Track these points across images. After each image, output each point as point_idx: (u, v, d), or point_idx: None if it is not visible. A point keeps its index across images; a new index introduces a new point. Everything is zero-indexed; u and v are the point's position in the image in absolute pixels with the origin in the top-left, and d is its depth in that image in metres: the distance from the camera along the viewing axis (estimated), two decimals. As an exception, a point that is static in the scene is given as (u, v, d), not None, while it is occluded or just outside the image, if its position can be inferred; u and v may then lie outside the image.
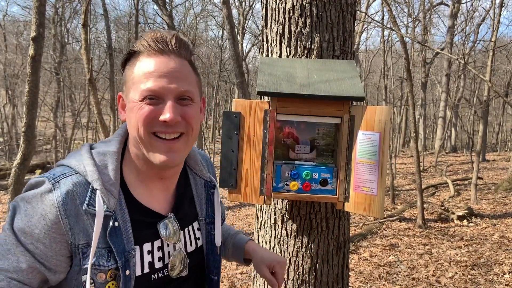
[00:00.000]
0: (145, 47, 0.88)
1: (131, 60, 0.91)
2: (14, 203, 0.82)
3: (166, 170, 0.94)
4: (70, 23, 22.04)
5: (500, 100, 22.39)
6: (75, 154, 0.90)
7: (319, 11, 1.68)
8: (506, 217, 6.56)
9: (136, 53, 0.90)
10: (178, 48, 0.91)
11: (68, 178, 0.83)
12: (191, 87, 0.90)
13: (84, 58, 4.27)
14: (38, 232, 0.79)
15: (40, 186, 0.81)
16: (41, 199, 0.80)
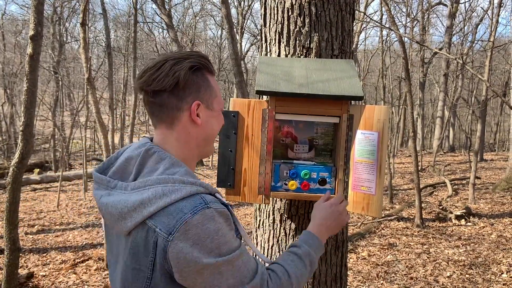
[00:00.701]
0: (206, 65, 1.00)
1: (200, 72, 0.99)
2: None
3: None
4: (69, 22, 21.99)
5: (498, 100, 22.43)
6: (176, 170, 0.94)
7: (318, 10, 1.68)
8: (503, 217, 6.58)
9: (201, 66, 0.99)
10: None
11: (208, 195, 0.92)
12: None
13: (83, 57, 4.26)
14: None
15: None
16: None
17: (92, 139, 23.43)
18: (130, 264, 0.89)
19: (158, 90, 0.94)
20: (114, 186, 0.92)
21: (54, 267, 4.88)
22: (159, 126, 0.99)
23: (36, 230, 6.65)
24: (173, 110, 0.96)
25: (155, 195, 0.85)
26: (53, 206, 8.56)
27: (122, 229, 0.89)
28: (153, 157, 0.94)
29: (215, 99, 1.03)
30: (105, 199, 0.91)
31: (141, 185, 0.89)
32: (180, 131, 0.98)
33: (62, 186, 9.91)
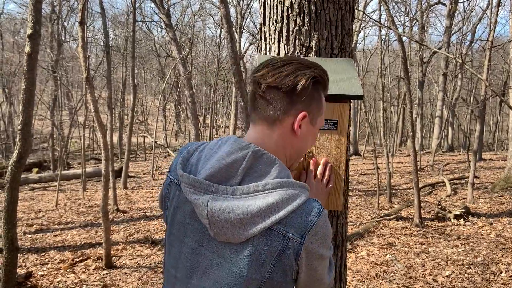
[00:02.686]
0: (325, 82, 1.00)
1: (318, 86, 0.98)
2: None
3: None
4: (67, 21, 21.97)
5: (497, 100, 22.46)
6: (288, 173, 0.94)
7: (318, 9, 1.68)
8: (502, 216, 6.59)
9: (321, 81, 0.98)
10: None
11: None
12: None
13: (81, 56, 4.24)
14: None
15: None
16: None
17: (91, 138, 23.42)
18: (246, 275, 0.85)
19: (274, 86, 0.91)
20: (216, 191, 0.87)
21: (53, 266, 4.87)
22: (259, 124, 0.96)
23: (35, 229, 6.63)
24: (280, 111, 0.93)
25: (281, 200, 0.84)
26: (52, 206, 8.55)
27: (239, 236, 0.84)
28: (263, 160, 0.90)
29: (320, 116, 1.02)
30: (215, 204, 0.85)
31: (258, 189, 0.85)
32: (279, 135, 0.95)
33: (60, 186, 9.89)
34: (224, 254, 0.87)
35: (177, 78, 18.58)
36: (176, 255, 0.96)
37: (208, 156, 0.94)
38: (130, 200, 9.13)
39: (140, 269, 4.72)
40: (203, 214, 0.86)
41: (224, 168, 0.89)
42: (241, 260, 0.85)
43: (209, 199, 0.86)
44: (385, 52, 14.87)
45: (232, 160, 0.89)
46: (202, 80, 30.08)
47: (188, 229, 0.93)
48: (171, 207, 0.99)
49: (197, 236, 0.92)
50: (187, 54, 16.97)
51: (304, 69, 0.92)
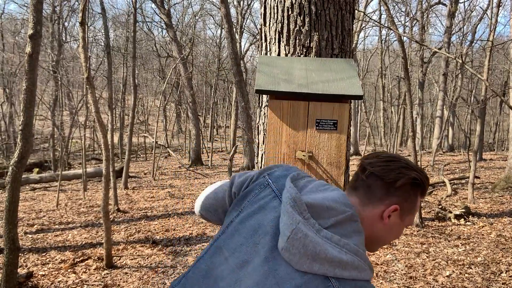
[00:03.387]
0: (424, 187, 1.04)
1: (417, 188, 1.03)
2: None
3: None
4: (68, 21, 21.99)
5: (497, 100, 22.46)
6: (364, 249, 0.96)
7: (318, 9, 1.68)
8: (503, 216, 6.59)
9: (421, 185, 1.03)
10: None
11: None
12: None
13: (82, 57, 4.25)
14: None
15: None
16: None
17: (92, 138, 23.44)
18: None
19: (377, 176, 1.00)
20: (307, 218, 0.91)
21: (54, 266, 4.88)
22: (355, 199, 1.03)
23: (36, 229, 6.64)
24: (375, 198, 1.01)
25: (352, 264, 0.88)
26: (53, 206, 8.55)
27: (302, 265, 0.88)
28: (353, 226, 0.95)
29: (410, 215, 1.07)
30: (304, 228, 0.90)
31: (338, 242, 0.90)
32: (367, 216, 1.02)
33: (61, 186, 9.90)
34: (276, 268, 0.91)
35: (177, 78, 18.59)
36: (238, 243, 1.01)
37: (314, 189, 1.02)
38: (130, 200, 9.14)
39: (141, 269, 4.73)
40: (289, 227, 0.90)
41: (324, 208, 0.95)
42: (290, 285, 0.88)
43: (300, 220, 0.91)
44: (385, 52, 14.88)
45: (333, 207, 0.95)
46: (202, 80, 30.09)
47: (261, 229, 0.99)
48: (255, 203, 1.05)
49: (263, 237, 0.97)
50: (187, 54, 16.99)
51: (409, 169, 1.01)
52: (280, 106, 1.48)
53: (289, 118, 1.49)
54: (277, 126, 1.50)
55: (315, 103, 1.47)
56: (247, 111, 10.27)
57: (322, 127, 1.49)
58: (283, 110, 1.47)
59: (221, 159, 19.88)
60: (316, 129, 1.50)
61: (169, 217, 7.29)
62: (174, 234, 6.23)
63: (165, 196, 9.55)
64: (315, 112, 1.48)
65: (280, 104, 1.47)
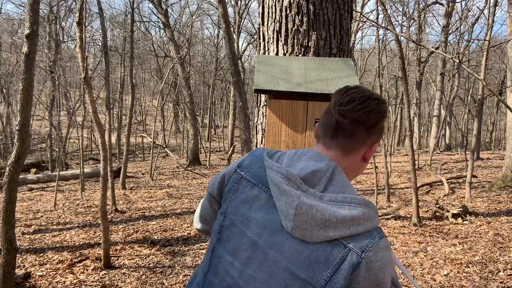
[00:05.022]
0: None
1: (383, 121, 1.06)
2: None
3: None
4: (65, 21, 21.93)
5: (494, 99, 22.53)
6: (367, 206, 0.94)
7: (316, 9, 1.68)
8: (500, 215, 6.61)
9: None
10: None
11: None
12: None
13: (79, 57, 4.24)
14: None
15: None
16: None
17: (89, 138, 23.39)
18: (300, 274, 0.89)
19: (360, 121, 0.99)
20: (306, 190, 0.92)
21: (51, 267, 4.86)
22: (335, 149, 1.03)
23: (33, 230, 6.62)
24: (359, 142, 1.02)
25: (363, 216, 0.89)
26: (50, 206, 8.53)
27: (316, 236, 0.88)
28: (341, 175, 0.98)
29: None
30: (307, 200, 0.89)
31: (344, 200, 0.90)
32: (352, 162, 1.04)
33: (59, 186, 9.87)
34: (282, 252, 0.92)
35: (175, 78, 18.58)
36: (236, 244, 1.01)
37: (289, 163, 1.01)
38: (128, 200, 9.12)
39: (139, 269, 4.72)
40: (292, 204, 0.90)
41: (309, 175, 0.95)
42: (300, 259, 0.89)
43: (301, 194, 0.91)
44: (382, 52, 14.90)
45: (317, 169, 0.96)
46: (200, 80, 30.06)
47: (251, 222, 0.99)
48: (237, 200, 1.05)
49: (259, 229, 0.97)
50: (185, 54, 16.97)
51: (381, 105, 1.02)
52: (279, 106, 1.48)
53: (288, 117, 1.48)
54: (276, 126, 1.50)
55: (314, 102, 1.47)
56: (245, 110, 10.26)
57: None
58: (282, 110, 1.47)
59: (219, 159, 19.88)
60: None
61: (167, 217, 7.28)
62: (172, 234, 6.22)
63: (163, 196, 9.54)
64: (314, 112, 1.48)
65: (279, 103, 1.47)
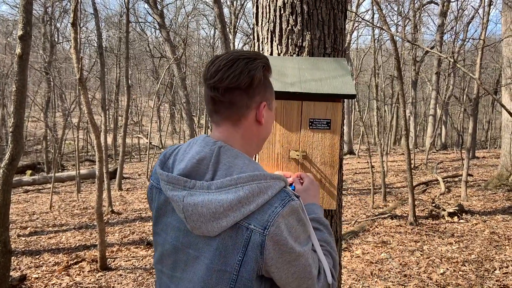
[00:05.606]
0: (269, 66, 1.03)
1: (267, 73, 1.03)
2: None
3: None
4: (60, 22, 21.84)
5: (490, 98, 22.63)
6: (256, 166, 0.96)
7: (310, 8, 1.68)
8: (496, 214, 6.64)
9: (267, 67, 1.02)
10: None
11: (288, 188, 0.96)
12: None
13: (74, 58, 4.22)
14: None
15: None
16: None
17: (85, 140, 23.30)
18: (214, 266, 0.89)
19: (232, 87, 0.94)
20: (193, 186, 0.90)
21: (47, 269, 4.84)
22: (224, 124, 1.00)
23: (29, 232, 6.59)
24: (243, 108, 0.98)
25: (252, 193, 0.87)
26: (46, 208, 8.49)
27: (213, 230, 0.88)
28: (228, 154, 0.94)
29: (273, 100, 1.08)
30: (190, 199, 0.88)
31: (230, 183, 0.88)
32: (245, 129, 1.01)
33: (54, 188, 9.83)
34: (199, 248, 0.92)
35: (171, 79, 18.54)
36: (161, 252, 1.02)
37: (182, 157, 0.99)
38: (125, 201, 9.10)
39: (136, 271, 4.71)
40: (179, 208, 0.90)
41: (196, 165, 0.93)
42: (211, 252, 0.90)
43: (185, 194, 0.90)
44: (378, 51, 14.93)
45: (201, 157, 0.94)
46: (196, 81, 30.02)
47: (169, 227, 0.99)
48: (154, 209, 1.05)
49: (175, 233, 0.97)
50: (181, 54, 16.94)
51: (252, 62, 0.95)
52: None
53: (282, 117, 1.48)
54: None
55: (308, 102, 1.47)
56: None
57: (316, 127, 1.49)
58: (276, 110, 1.47)
59: (216, 160, 19.82)
60: (310, 129, 1.49)
61: (163, 218, 7.26)
62: (168, 235, 6.20)
63: (159, 197, 9.51)
64: (308, 112, 1.48)
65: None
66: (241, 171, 0.91)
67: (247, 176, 0.88)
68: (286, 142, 1.51)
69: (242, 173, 0.90)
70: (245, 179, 0.88)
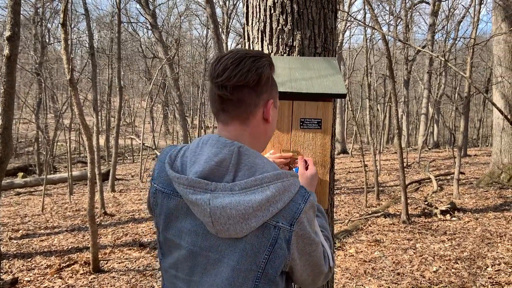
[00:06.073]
0: (274, 65, 1.03)
1: (272, 71, 1.02)
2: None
3: None
4: (51, 23, 21.66)
5: (481, 96, 22.82)
6: (274, 165, 0.97)
7: (300, 8, 1.68)
8: (488, 211, 6.69)
9: (272, 67, 1.02)
10: None
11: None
12: None
13: (64, 58, 4.18)
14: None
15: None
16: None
17: (77, 141, 23.14)
18: (241, 267, 0.90)
19: (240, 85, 0.95)
20: (215, 189, 0.89)
21: (39, 272, 4.79)
22: (232, 123, 1.00)
23: (21, 234, 6.52)
24: (251, 106, 0.98)
25: (278, 191, 0.89)
26: (38, 210, 8.42)
27: (242, 231, 0.88)
28: (248, 154, 0.95)
29: (277, 98, 1.09)
30: (217, 202, 0.87)
31: (255, 183, 0.89)
32: (253, 127, 1.01)
33: (47, 190, 9.75)
34: (221, 251, 0.92)
35: (164, 79, 18.47)
36: (174, 257, 1.00)
37: (193, 159, 0.97)
38: (118, 203, 9.05)
39: (129, 273, 4.68)
40: (205, 212, 0.89)
41: (215, 167, 0.92)
42: (237, 253, 0.90)
43: (210, 197, 0.89)
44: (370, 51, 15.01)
45: (220, 159, 0.93)
46: (189, 81, 29.94)
47: (183, 232, 0.97)
48: (162, 214, 1.02)
49: (192, 238, 0.96)
50: (173, 55, 16.88)
51: (259, 60, 0.96)
52: (264, 106, 1.47)
53: (273, 117, 1.48)
54: (261, 126, 1.49)
55: (299, 102, 1.47)
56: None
57: (307, 126, 1.49)
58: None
59: (209, 160, 19.77)
60: (301, 129, 1.49)
61: (157, 219, 7.22)
62: (162, 236, 6.17)
63: (152, 198, 9.46)
64: (299, 111, 1.48)
65: (264, 103, 1.46)
66: (263, 171, 0.92)
67: (271, 175, 0.90)
68: (277, 142, 1.50)
69: (265, 173, 0.91)
70: (270, 178, 0.90)
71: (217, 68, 0.95)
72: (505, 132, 8.54)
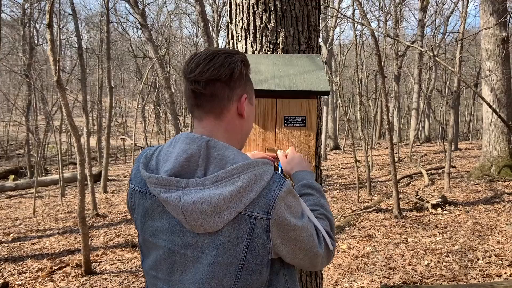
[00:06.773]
0: (248, 63, 1.05)
1: (247, 68, 1.05)
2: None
3: None
4: (40, 24, 21.44)
5: (471, 90, 22.98)
6: (245, 155, 0.97)
7: (283, 5, 1.67)
8: (478, 204, 6.75)
9: (246, 63, 1.04)
10: None
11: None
12: None
13: (51, 59, 4.13)
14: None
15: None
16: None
17: (68, 142, 22.95)
18: (219, 261, 0.90)
19: (212, 79, 0.95)
20: (186, 185, 0.89)
21: (31, 275, 4.75)
22: (206, 118, 1.00)
23: (12, 238, 6.46)
24: (224, 100, 0.99)
25: (250, 181, 0.89)
26: (29, 213, 8.34)
27: (216, 225, 0.88)
28: (217, 147, 0.94)
29: (253, 95, 1.10)
30: (188, 198, 0.87)
31: (226, 175, 0.89)
32: (228, 122, 1.01)
33: (38, 192, 9.66)
34: (198, 247, 0.91)
35: (155, 79, 18.37)
36: (153, 258, 1.00)
37: (165, 157, 0.97)
38: (110, 204, 9.00)
39: (121, 274, 4.66)
40: (177, 209, 0.89)
41: (184, 163, 0.92)
42: (214, 248, 0.89)
43: (181, 194, 0.88)
44: (361, 47, 15.04)
45: (189, 154, 0.93)
46: (180, 80, 29.82)
47: (159, 231, 0.97)
48: (139, 215, 1.02)
49: (168, 236, 0.95)
50: (164, 54, 16.79)
51: (231, 56, 0.98)
52: (247, 104, 1.46)
53: (257, 116, 1.47)
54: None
55: (282, 100, 1.46)
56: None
57: (291, 124, 1.49)
58: (251, 108, 1.46)
59: (202, 159, 19.72)
60: (285, 126, 1.49)
61: (149, 220, 7.20)
62: (154, 236, 6.15)
63: (145, 198, 9.42)
64: (283, 109, 1.47)
65: (247, 102, 1.46)
66: (233, 162, 0.91)
67: (241, 166, 0.89)
68: (261, 140, 1.50)
69: (235, 164, 0.90)
70: (239, 169, 0.89)
71: (191, 64, 0.96)
72: (494, 126, 8.61)
